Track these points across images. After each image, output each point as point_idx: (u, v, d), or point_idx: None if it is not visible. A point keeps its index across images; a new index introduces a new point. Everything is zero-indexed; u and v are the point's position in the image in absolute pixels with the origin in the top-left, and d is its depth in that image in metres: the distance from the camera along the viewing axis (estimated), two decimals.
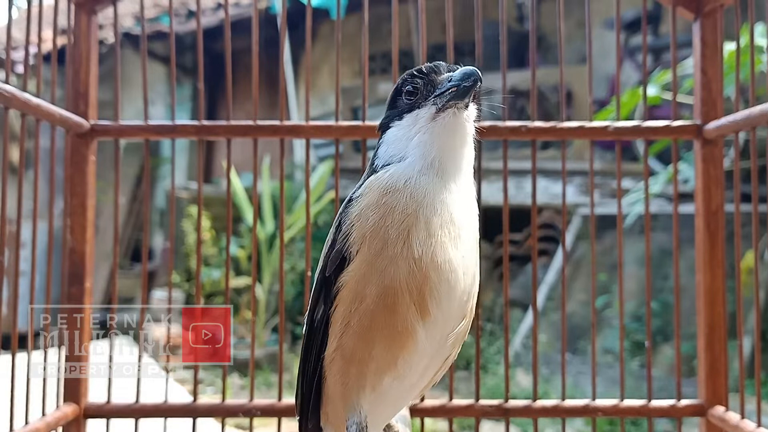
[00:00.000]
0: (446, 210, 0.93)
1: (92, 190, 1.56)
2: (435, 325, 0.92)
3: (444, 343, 0.96)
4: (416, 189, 0.93)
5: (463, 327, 0.98)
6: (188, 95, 8.46)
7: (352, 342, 0.92)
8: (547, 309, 5.35)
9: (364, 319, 0.91)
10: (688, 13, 1.56)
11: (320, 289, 0.98)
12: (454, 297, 0.93)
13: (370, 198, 0.94)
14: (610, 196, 5.37)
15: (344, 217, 0.96)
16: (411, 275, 0.89)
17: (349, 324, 0.92)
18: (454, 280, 0.92)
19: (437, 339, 0.94)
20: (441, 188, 0.95)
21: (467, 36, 5.24)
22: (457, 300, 0.94)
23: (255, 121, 1.54)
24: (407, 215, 0.91)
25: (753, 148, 1.36)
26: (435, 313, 0.91)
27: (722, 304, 1.51)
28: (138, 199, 7.74)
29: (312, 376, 1.00)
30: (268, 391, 4.86)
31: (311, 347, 0.99)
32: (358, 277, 0.91)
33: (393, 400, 1.01)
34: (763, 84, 3.02)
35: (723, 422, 1.43)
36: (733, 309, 1.99)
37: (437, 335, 0.94)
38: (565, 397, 1.52)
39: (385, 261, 0.90)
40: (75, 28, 1.55)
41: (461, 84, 0.96)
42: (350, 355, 0.93)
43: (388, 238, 0.90)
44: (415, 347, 0.92)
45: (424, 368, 0.98)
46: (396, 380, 0.95)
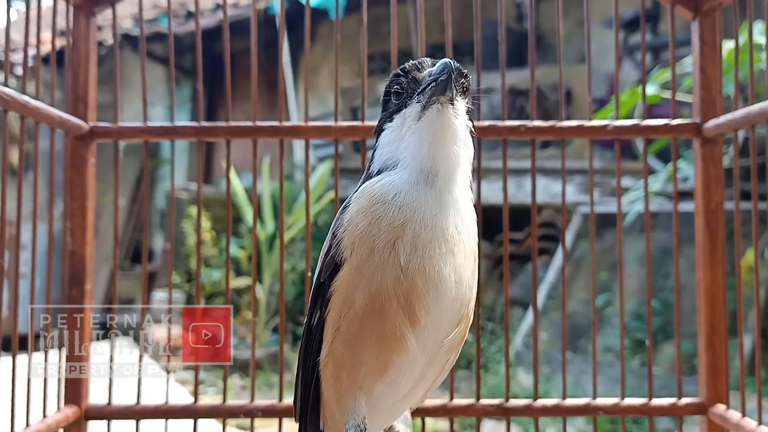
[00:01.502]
0: (437, 224, 0.91)
1: (92, 192, 1.56)
2: (425, 331, 0.91)
3: (438, 349, 0.95)
4: (405, 203, 0.91)
5: (459, 333, 0.96)
6: (187, 96, 8.45)
7: (342, 347, 0.93)
8: (547, 308, 5.35)
9: (353, 324, 0.91)
10: (687, 12, 1.56)
11: (316, 295, 0.98)
12: (444, 304, 0.92)
13: (360, 205, 0.94)
14: (610, 194, 5.37)
15: (338, 223, 0.96)
16: (398, 282, 0.88)
17: (339, 329, 0.92)
18: (445, 289, 0.91)
19: (429, 345, 0.94)
20: (433, 200, 0.92)
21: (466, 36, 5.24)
22: (447, 307, 0.92)
23: (254, 122, 1.54)
24: (394, 227, 0.90)
25: (752, 146, 1.36)
26: (424, 319, 0.90)
27: (723, 302, 1.51)
28: (138, 201, 7.74)
29: (309, 380, 1.00)
30: (269, 392, 4.86)
31: (308, 352, 1.00)
32: (347, 283, 0.91)
33: (389, 405, 1.00)
34: (762, 82, 3.02)
35: (724, 420, 1.43)
36: (733, 307, 1.98)
37: (429, 341, 0.93)
38: (566, 396, 1.52)
39: (372, 267, 0.89)
40: (74, 30, 1.55)
41: (438, 78, 0.93)
42: (341, 361, 0.94)
43: (376, 246, 0.90)
44: (405, 353, 0.91)
45: (420, 374, 0.97)
46: (389, 386, 0.95)
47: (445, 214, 0.92)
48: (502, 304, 4.73)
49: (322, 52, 7.64)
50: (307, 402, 1.02)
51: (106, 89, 1.67)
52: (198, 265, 1.58)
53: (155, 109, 8.11)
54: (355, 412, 0.96)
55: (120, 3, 1.59)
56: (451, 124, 0.95)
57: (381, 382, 0.94)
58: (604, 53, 5.88)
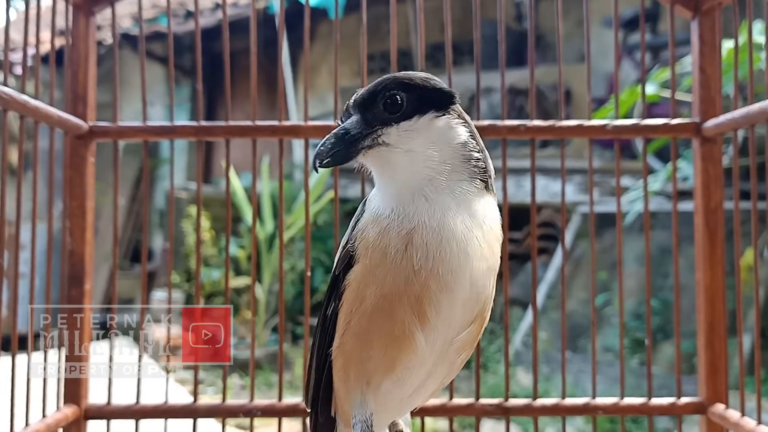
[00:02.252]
0: (445, 226, 0.89)
1: (91, 192, 1.56)
2: (435, 331, 0.91)
3: (448, 348, 0.94)
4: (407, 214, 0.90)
5: (472, 333, 0.95)
6: (187, 96, 8.45)
7: (352, 341, 0.93)
8: (547, 307, 5.35)
9: (363, 320, 0.91)
10: (687, 11, 1.56)
11: (332, 287, 0.98)
12: (456, 305, 0.91)
13: (371, 213, 0.93)
14: (609, 194, 5.37)
15: (358, 218, 0.96)
16: (408, 284, 0.88)
17: (350, 323, 0.93)
18: (458, 289, 0.90)
19: (439, 344, 0.93)
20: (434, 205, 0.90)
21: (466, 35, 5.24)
22: (460, 307, 0.91)
23: (254, 121, 1.54)
24: (402, 235, 0.89)
25: (752, 145, 1.36)
26: (434, 320, 0.90)
27: (722, 301, 1.51)
28: (137, 200, 7.74)
29: (321, 368, 1.01)
30: (269, 391, 4.86)
31: (322, 341, 1.00)
32: (359, 279, 0.91)
33: (396, 402, 1.00)
34: (762, 82, 3.02)
35: (723, 420, 1.43)
36: (732, 306, 1.98)
37: (438, 341, 0.93)
38: (566, 396, 1.52)
39: (383, 271, 0.89)
40: (73, 30, 1.55)
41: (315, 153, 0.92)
42: (350, 354, 0.94)
43: (388, 253, 0.89)
44: (414, 352, 0.91)
45: (428, 372, 0.96)
46: (396, 383, 0.95)
47: (451, 216, 0.90)
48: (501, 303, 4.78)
49: (321, 51, 7.63)
50: (318, 389, 1.02)
51: (105, 89, 1.66)
52: (197, 264, 1.58)
53: (154, 108, 8.11)
54: (363, 407, 0.96)
55: (119, 2, 1.59)
56: (392, 162, 0.92)
57: (388, 379, 0.94)
58: (603, 53, 5.88)
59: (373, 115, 0.92)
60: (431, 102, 0.92)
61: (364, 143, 0.91)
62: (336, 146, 0.91)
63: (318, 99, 7.58)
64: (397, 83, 0.91)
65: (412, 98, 0.91)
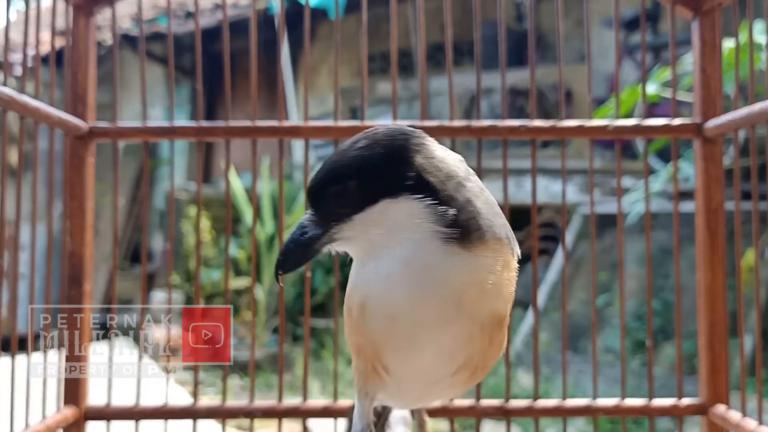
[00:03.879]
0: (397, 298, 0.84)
1: (91, 193, 1.56)
2: (403, 378, 0.92)
3: (433, 386, 0.94)
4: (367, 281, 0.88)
5: (459, 379, 0.92)
6: (187, 96, 8.45)
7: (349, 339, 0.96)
8: (547, 308, 5.35)
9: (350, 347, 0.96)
10: (687, 12, 1.56)
11: None
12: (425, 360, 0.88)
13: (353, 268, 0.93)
14: (610, 194, 5.36)
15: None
16: (367, 341, 0.90)
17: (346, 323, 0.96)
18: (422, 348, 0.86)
19: (417, 386, 0.94)
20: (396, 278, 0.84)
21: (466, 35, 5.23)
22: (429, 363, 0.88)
23: (254, 122, 1.54)
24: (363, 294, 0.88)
25: (753, 146, 1.35)
26: (397, 370, 0.90)
27: (723, 302, 1.51)
28: (137, 201, 7.74)
29: None
30: (269, 392, 4.86)
31: None
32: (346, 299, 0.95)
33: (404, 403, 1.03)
34: (763, 82, 3.01)
35: (724, 421, 1.43)
36: (734, 307, 1.98)
37: (413, 385, 0.94)
38: (567, 397, 1.52)
39: (350, 322, 0.92)
40: (73, 30, 1.55)
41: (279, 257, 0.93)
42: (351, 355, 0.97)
43: (351, 312, 0.90)
44: (383, 387, 0.94)
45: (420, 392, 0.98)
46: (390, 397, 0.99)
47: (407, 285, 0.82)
48: None
49: (321, 51, 7.62)
50: None
51: (105, 89, 1.66)
52: (197, 265, 1.58)
53: (154, 109, 8.10)
54: (363, 416, 0.98)
55: (119, 3, 1.59)
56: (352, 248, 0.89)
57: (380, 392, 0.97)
58: (604, 53, 5.87)
59: (325, 212, 0.86)
60: (386, 184, 0.82)
61: (320, 242, 0.87)
62: (294, 251, 0.90)
63: (318, 99, 7.58)
64: (342, 173, 0.84)
65: (364, 185, 0.83)
